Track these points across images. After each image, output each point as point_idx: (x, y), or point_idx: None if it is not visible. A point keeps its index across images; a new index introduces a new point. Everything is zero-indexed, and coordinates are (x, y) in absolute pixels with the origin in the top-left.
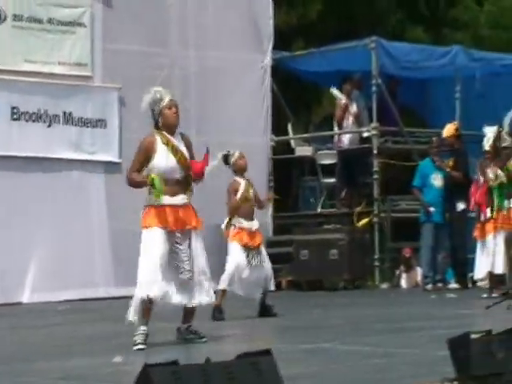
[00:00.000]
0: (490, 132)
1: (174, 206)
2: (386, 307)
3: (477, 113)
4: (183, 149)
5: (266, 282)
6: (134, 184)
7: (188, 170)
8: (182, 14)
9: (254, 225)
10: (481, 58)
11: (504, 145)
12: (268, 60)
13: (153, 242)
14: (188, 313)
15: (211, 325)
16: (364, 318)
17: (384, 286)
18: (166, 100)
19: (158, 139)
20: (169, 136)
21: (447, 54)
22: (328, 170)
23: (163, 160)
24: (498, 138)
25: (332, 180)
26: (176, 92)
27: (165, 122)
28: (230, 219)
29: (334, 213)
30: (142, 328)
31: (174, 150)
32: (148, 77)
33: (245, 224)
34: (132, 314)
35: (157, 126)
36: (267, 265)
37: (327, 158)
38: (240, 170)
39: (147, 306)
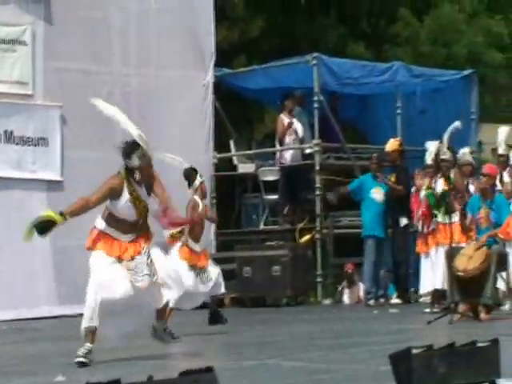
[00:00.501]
0: (431, 146)
1: (121, 241)
2: (329, 323)
3: (418, 128)
4: (146, 199)
5: (214, 288)
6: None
7: (146, 217)
8: (124, 32)
9: (201, 246)
10: (421, 74)
11: (443, 157)
12: (210, 77)
13: (99, 260)
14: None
15: (154, 341)
16: (307, 334)
17: (327, 301)
18: (148, 156)
19: (125, 185)
20: (135, 186)
21: (388, 70)
22: (271, 187)
23: (125, 208)
24: (439, 152)
25: (275, 196)
26: None
27: (143, 177)
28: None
29: (276, 229)
30: (87, 344)
31: (137, 201)
32: (89, 95)
33: (193, 245)
34: (86, 321)
35: (127, 169)
36: (214, 271)
37: (270, 175)
38: (202, 194)
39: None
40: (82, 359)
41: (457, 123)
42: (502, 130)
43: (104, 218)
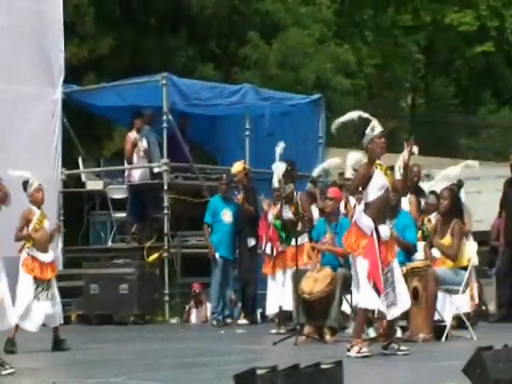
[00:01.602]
0: (278, 169)
1: None
2: (176, 342)
3: (266, 151)
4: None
5: (55, 317)
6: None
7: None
8: None
9: (49, 257)
10: (270, 97)
11: (286, 192)
12: (59, 93)
13: None
14: None
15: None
16: (153, 352)
17: (174, 321)
18: (35, 185)
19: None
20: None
21: (237, 92)
22: (119, 205)
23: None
24: (280, 182)
25: (123, 214)
26: None
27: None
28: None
29: (124, 247)
30: None
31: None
32: None
33: (39, 255)
34: None
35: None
36: (57, 299)
37: (118, 193)
38: (36, 203)
39: None
40: None
41: (281, 144)
42: (352, 156)
43: None
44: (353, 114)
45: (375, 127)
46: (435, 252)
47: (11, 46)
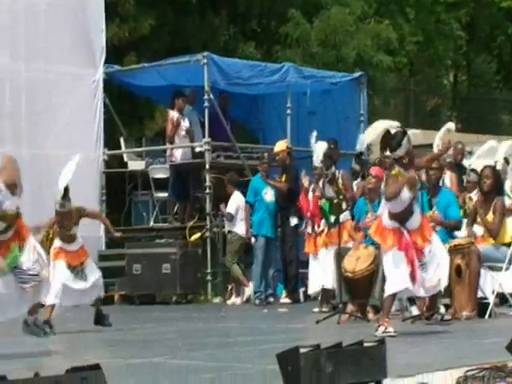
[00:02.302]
0: (319, 148)
1: None
2: (218, 321)
3: (307, 129)
4: None
5: (95, 289)
6: None
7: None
8: (13, 25)
9: (75, 246)
10: (311, 76)
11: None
12: (100, 74)
13: None
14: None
15: (41, 339)
16: (196, 332)
17: (216, 300)
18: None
19: None
20: None
21: (278, 71)
22: (161, 185)
23: None
24: (328, 153)
25: (165, 194)
26: (7, 105)
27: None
28: (49, 235)
29: (166, 227)
30: None
31: None
32: None
33: (65, 246)
34: None
35: None
36: (96, 273)
37: (160, 173)
38: None
39: None
40: None
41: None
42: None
43: None
44: (380, 125)
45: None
46: (477, 229)
47: (52, 26)
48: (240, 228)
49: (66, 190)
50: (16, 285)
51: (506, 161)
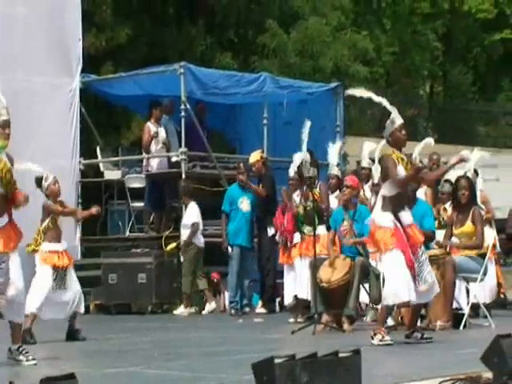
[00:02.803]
0: (297, 158)
1: None
2: (194, 331)
3: (284, 139)
4: (7, 162)
5: (72, 304)
6: None
7: (9, 185)
8: None
9: (62, 246)
10: (288, 86)
11: (306, 175)
12: (77, 83)
13: None
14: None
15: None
16: (171, 342)
17: (192, 310)
18: (51, 178)
19: None
20: None
21: (255, 81)
22: (137, 194)
23: None
24: (304, 165)
25: (141, 204)
26: None
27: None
28: (37, 241)
29: (142, 237)
30: None
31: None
32: None
33: (52, 247)
34: None
35: None
36: (75, 286)
37: (136, 182)
38: (53, 195)
39: None
40: None
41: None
42: (367, 145)
43: None
44: (374, 97)
45: (395, 119)
46: (455, 241)
47: (29, 35)
48: (198, 239)
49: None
50: None
51: (476, 172)
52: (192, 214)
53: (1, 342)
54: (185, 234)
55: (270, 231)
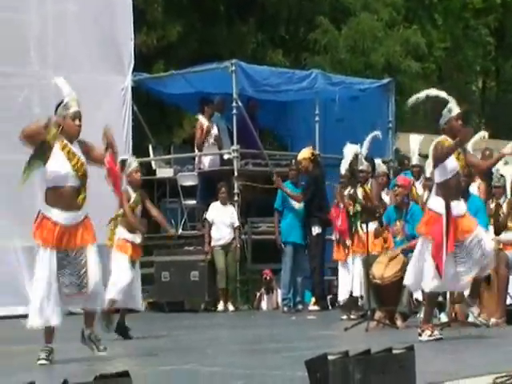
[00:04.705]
0: (348, 153)
1: (65, 226)
2: (247, 329)
3: (336, 136)
4: (80, 155)
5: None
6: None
7: (84, 177)
8: (42, 34)
9: (137, 238)
10: (339, 82)
11: (360, 168)
12: (129, 81)
13: (41, 264)
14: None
15: (70, 346)
16: (225, 339)
17: (245, 307)
18: (134, 165)
19: (56, 144)
20: (66, 141)
21: (306, 78)
22: (189, 192)
23: (57, 165)
24: (355, 161)
25: (193, 201)
26: (36, 112)
27: (66, 130)
28: (114, 228)
29: (194, 234)
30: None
31: (71, 155)
32: (7, 97)
33: (128, 236)
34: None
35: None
36: (138, 282)
37: (188, 180)
38: (134, 184)
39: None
40: (43, 361)
41: (376, 133)
42: (413, 138)
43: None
44: (430, 92)
45: (453, 108)
46: (507, 236)
47: (81, 34)
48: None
49: None
50: None
51: None
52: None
53: (68, 341)
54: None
55: (315, 230)
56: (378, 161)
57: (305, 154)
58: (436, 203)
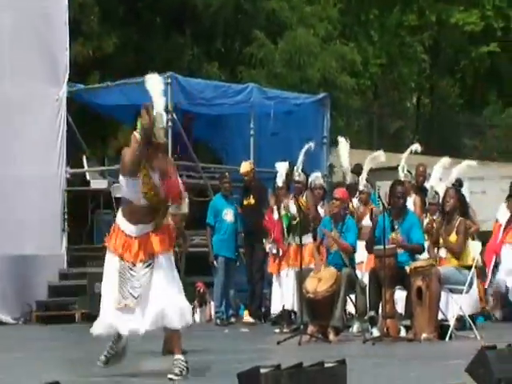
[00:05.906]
0: (281, 168)
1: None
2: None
3: (271, 150)
4: (156, 180)
5: None
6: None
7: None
8: None
9: None
10: (275, 96)
11: (296, 179)
12: (64, 92)
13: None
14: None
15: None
16: (158, 350)
17: None
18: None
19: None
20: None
21: (242, 92)
22: None
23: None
24: (290, 174)
25: None
26: None
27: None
28: None
29: None
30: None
31: (147, 179)
32: None
33: None
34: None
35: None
36: None
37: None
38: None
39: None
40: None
41: (310, 144)
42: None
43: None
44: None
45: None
46: (441, 251)
47: (16, 44)
48: None
49: None
50: None
51: (459, 183)
52: None
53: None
54: None
55: (268, 245)
56: (317, 174)
57: (247, 166)
58: None
